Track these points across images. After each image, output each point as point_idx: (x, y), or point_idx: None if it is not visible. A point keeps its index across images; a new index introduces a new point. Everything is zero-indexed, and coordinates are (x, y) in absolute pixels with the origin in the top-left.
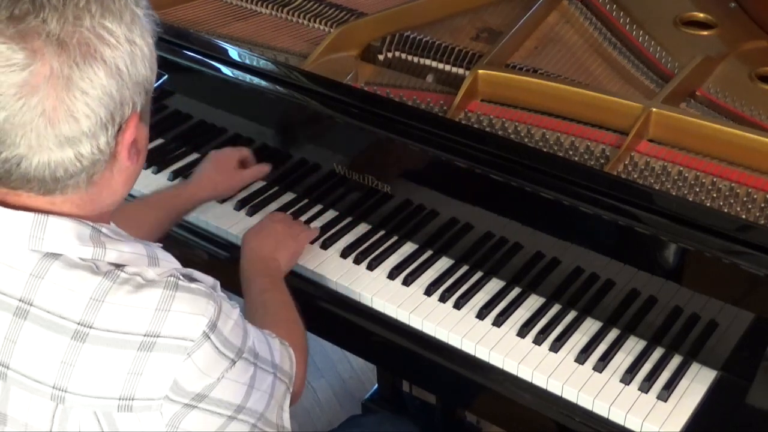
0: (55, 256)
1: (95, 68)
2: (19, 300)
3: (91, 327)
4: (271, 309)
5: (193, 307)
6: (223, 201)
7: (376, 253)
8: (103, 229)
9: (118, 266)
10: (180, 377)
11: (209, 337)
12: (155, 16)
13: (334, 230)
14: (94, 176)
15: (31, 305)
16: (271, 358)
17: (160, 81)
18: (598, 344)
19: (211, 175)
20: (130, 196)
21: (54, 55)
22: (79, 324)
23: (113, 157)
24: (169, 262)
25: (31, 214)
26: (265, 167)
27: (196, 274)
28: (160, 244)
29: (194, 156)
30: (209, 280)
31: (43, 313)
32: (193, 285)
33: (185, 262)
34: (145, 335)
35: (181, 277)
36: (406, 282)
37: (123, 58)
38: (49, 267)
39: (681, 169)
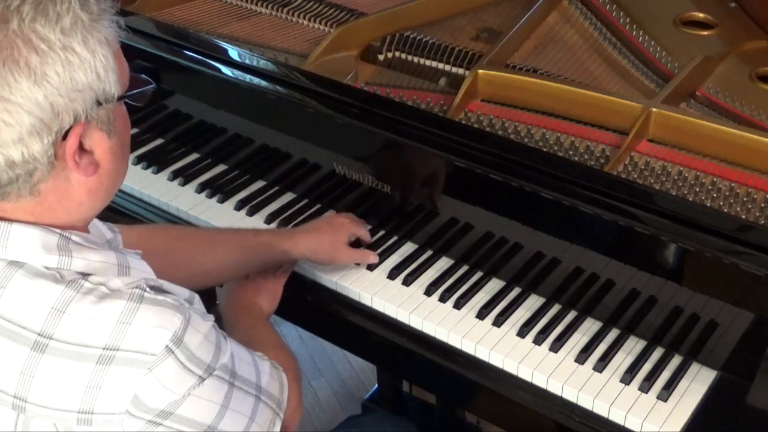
0: (18, 264)
1: (16, 75)
2: None
3: (50, 338)
4: (260, 340)
5: (156, 320)
6: (223, 201)
7: (376, 253)
8: (73, 237)
9: (84, 275)
10: (141, 392)
11: (173, 352)
12: (119, 21)
13: None
14: (39, 185)
15: None
16: (256, 380)
17: (141, 89)
18: (598, 344)
19: (321, 236)
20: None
21: None
22: (39, 335)
23: (62, 167)
24: (141, 271)
25: None
26: (373, 256)
27: (168, 285)
28: (139, 252)
29: (194, 156)
30: (184, 293)
31: (4, 322)
32: (159, 297)
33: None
34: (104, 348)
35: (147, 288)
36: (406, 282)
37: (54, 65)
38: (11, 276)
39: (681, 169)
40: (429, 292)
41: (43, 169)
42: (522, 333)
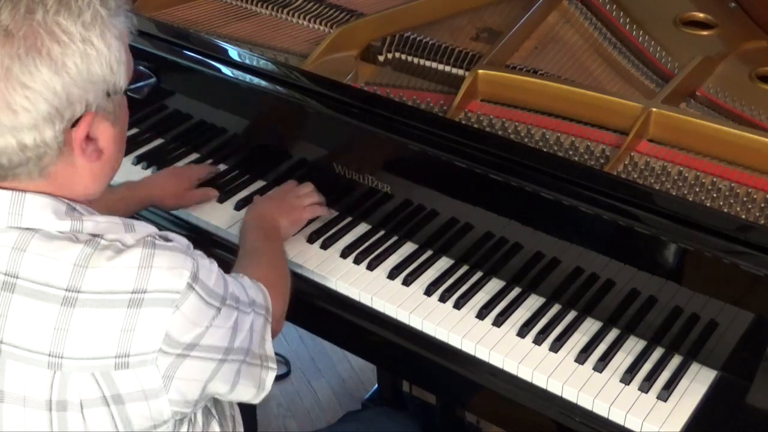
0: (34, 230)
1: (37, 63)
2: (5, 274)
3: (79, 291)
4: (256, 254)
5: (173, 262)
6: (223, 201)
7: (376, 253)
8: (78, 207)
9: (97, 236)
10: (171, 329)
11: (194, 288)
12: (132, 18)
13: (334, 230)
14: (48, 168)
15: (17, 278)
16: (247, 297)
17: (144, 83)
18: (598, 344)
19: (165, 183)
20: None
21: None
22: (66, 290)
23: (68, 152)
24: (146, 228)
25: (8, 192)
26: (212, 191)
27: (171, 235)
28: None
29: (194, 156)
30: (183, 240)
31: (30, 284)
32: (169, 243)
33: None
34: (132, 292)
35: (157, 237)
36: (406, 282)
37: (73, 57)
38: (30, 240)
39: (681, 169)
40: (429, 292)
41: (52, 154)
42: (522, 333)
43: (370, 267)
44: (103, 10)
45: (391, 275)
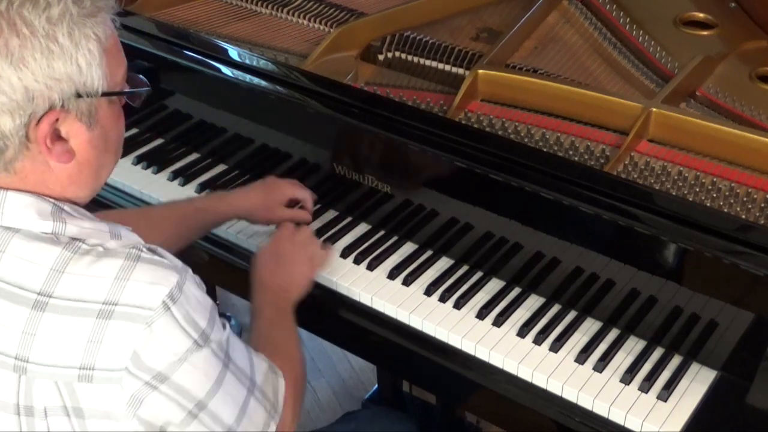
0: (14, 230)
1: None
2: None
3: (50, 296)
4: (272, 341)
5: (153, 277)
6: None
7: (376, 253)
8: (66, 207)
9: (79, 239)
10: (140, 348)
11: (170, 308)
12: (115, 20)
13: (334, 230)
14: (13, 163)
15: None
16: (250, 373)
17: (135, 90)
18: (598, 344)
19: (253, 195)
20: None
21: None
22: (39, 294)
23: (34, 150)
24: (133, 237)
25: None
26: (305, 215)
27: (162, 251)
28: (129, 228)
29: (194, 156)
30: (178, 263)
31: (4, 285)
32: (155, 257)
33: (185, 263)
34: (103, 303)
35: (144, 249)
36: (406, 282)
37: (32, 50)
38: (9, 240)
39: (681, 169)
40: (429, 292)
41: (14, 148)
42: (522, 333)
43: (370, 267)
44: (75, 8)
45: (391, 275)
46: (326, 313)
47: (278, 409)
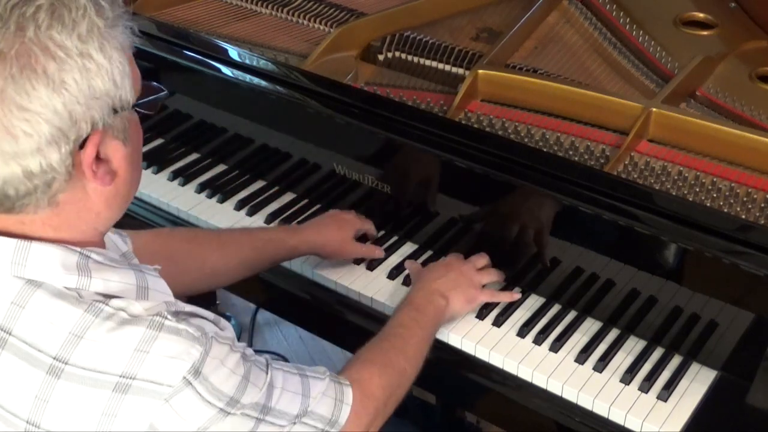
0: (37, 284)
1: (33, 82)
2: None
3: (66, 363)
4: (386, 345)
5: (175, 351)
6: (223, 201)
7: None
8: (93, 255)
9: (105, 297)
10: (157, 421)
11: (191, 383)
12: (133, 27)
13: None
14: (57, 195)
15: (10, 334)
16: (299, 407)
17: (154, 96)
18: (598, 344)
19: (327, 231)
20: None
21: None
22: (54, 359)
23: (78, 176)
24: (161, 293)
25: (13, 240)
26: (379, 251)
27: (190, 308)
28: (158, 267)
29: (194, 156)
30: (209, 314)
31: (21, 344)
32: (180, 326)
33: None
34: (120, 376)
35: (168, 316)
36: (406, 282)
37: (71, 72)
38: (31, 296)
39: (681, 169)
40: None
41: (61, 180)
42: (522, 333)
43: (370, 267)
44: (100, 21)
45: (391, 275)
46: (326, 313)
47: (338, 422)
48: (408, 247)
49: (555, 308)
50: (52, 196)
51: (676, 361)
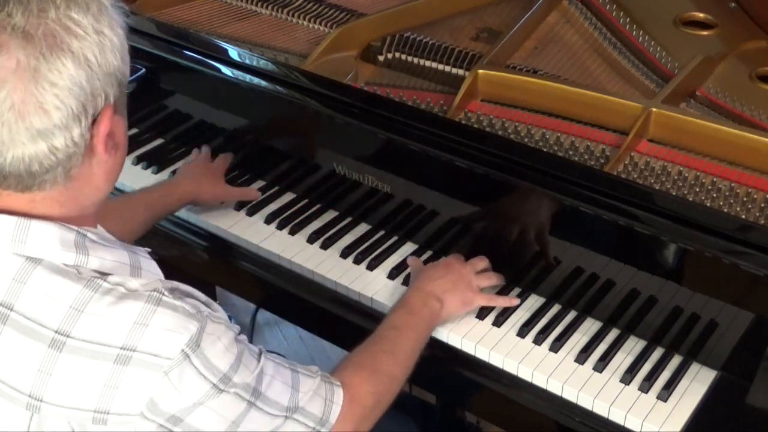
0: (37, 260)
1: (63, 59)
2: (0, 304)
3: (68, 336)
4: (377, 349)
5: (172, 324)
6: (222, 201)
7: (376, 253)
8: (89, 234)
9: (102, 274)
10: (156, 395)
11: (188, 357)
12: (124, 8)
13: (334, 230)
14: (72, 170)
15: (11, 310)
16: (289, 401)
17: (136, 75)
18: (598, 344)
19: (201, 181)
20: (117, 190)
21: (20, 48)
22: (56, 332)
23: (90, 150)
24: (153, 273)
25: (13, 218)
26: (255, 193)
27: (185, 287)
28: (148, 249)
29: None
30: (200, 305)
31: (23, 319)
32: (177, 302)
33: (185, 263)
34: (121, 348)
35: (165, 292)
36: (406, 282)
37: (91, 49)
38: (31, 272)
39: (681, 169)
40: None
41: (79, 154)
42: (522, 333)
43: (370, 267)
44: (106, 0)
45: (391, 275)
46: (326, 313)
47: (328, 422)
48: (408, 247)
49: (555, 308)
50: (68, 170)
51: (676, 361)
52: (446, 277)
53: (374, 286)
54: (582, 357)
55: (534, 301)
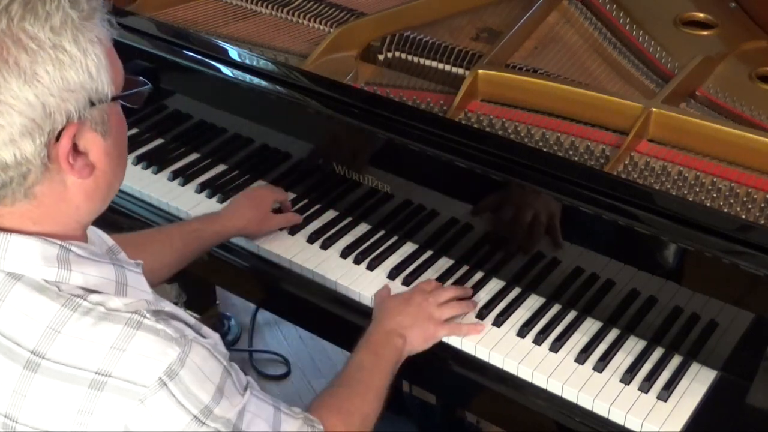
0: (17, 276)
1: (5, 74)
2: None
3: (43, 357)
4: (348, 391)
5: (151, 350)
6: (223, 201)
7: (376, 253)
8: (74, 248)
9: (84, 291)
10: (132, 424)
11: (166, 385)
12: (110, 20)
13: (334, 230)
14: (34, 188)
15: None
16: None
17: (136, 90)
18: (598, 344)
19: (245, 212)
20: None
21: None
22: (32, 353)
23: (57, 169)
24: (140, 290)
25: None
26: (297, 217)
27: (171, 308)
28: (140, 262)
29: (194, 156)
30: (186, 330)
31: (0, 338)
32: (159, 326)
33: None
34: (96, 373)
35: (147, 315)
36: (406, 282)
37: (44, 64)
38: (10, 288)
39: (681, 169)
40: None
41: (36, 171)
42: (522, 333)
43: (370, 267)
44: (74, 12)
45: (391, 275)
46: (326, 313)
47: None
48: (408, 247)
49: (555, 308)
50: (28, 188)
51: (676, 361)
52: (406, 312)
53: (374, 286)
54: (582, 357)
55: (534, 301)
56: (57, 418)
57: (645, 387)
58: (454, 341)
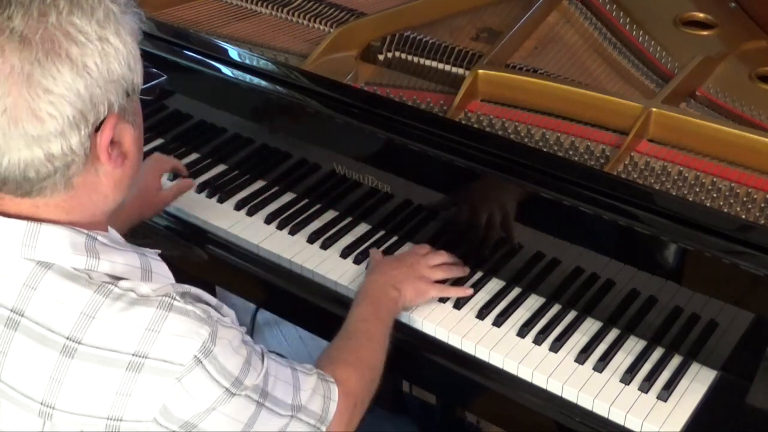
0: (48, 265)
1: (59, 66)
2: (11, 310)
3: (79, 343)
4: (354, 343)
5: (184, 330)
6: (222, 201)
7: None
8: (99, 237)
9: (112, 278)
10: (169, 402)
11: (201, 362)
12: (140, 14)
13: (334, 230)
14: (73, 178)
15: (22, 316)
16: (292, 399)
17: (156, 81)
18: (598, 344)
19: (134, 203)
20: None
21: (15, 52)
22: (68, 339)
23: (92, 159)
24: (163, 276)
25: (23, 222)
26: (188, 182)
27: (196, 290)
28: (157, 251)
29: (194, 156)
30: (211, 299)
31: (34, 325)
32: (189, 307)
33: (186, 263)
34: (133, 355)
35: (176, 297)
36: None
37: (92, 56)
38: (42, 277)
39: (681, 169)
40: None
41: (78, 162)
42: (522, 333)
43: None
44: (114, 6)
45: None
46: (326, 313)
47: (326, 419)
48: (408, 247)
49: (555, 308)
50: (68, 179)
51: (676, 361)
52: (399, 269)
53: None
54: (582, 357)
55: (534, 301)
56: (95, 402)
57: (645, 387)
58: (454, 341)
